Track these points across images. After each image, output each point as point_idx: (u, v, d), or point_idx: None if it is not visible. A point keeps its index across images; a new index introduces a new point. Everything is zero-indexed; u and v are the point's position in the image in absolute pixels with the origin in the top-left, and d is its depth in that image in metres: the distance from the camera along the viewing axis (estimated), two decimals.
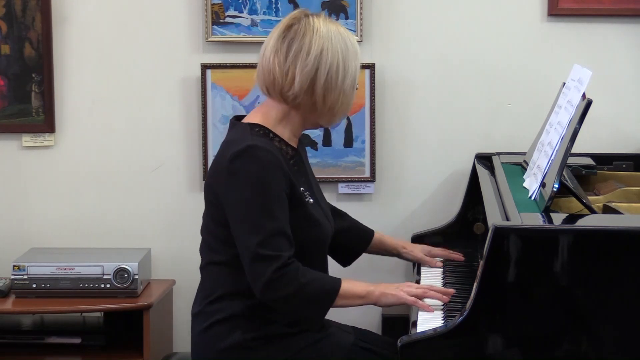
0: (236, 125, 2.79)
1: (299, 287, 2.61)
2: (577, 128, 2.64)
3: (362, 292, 2.71)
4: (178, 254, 3.81)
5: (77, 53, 3.78)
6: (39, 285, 3.52)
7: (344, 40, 2.74)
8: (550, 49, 3.71)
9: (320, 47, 2.71)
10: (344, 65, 2.73)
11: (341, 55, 2.72)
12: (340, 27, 2.78)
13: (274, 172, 2.63)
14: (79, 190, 3.83)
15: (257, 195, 2.62)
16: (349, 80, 2.74)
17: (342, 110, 2.77)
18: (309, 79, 2.70)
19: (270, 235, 2.61)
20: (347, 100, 2.76)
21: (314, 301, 2.66)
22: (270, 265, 2.59)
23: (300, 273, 2.62)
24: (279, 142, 2.75)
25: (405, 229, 3.70)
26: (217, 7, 3.72)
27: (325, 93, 2.72)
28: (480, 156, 3.59)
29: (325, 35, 2.72)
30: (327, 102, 2.73)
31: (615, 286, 2.38)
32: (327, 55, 2.71)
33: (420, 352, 2.42)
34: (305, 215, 2.72)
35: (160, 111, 3.80)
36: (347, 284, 2.69)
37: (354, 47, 2.77)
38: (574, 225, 2.49)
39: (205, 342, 2.73)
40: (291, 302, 2.63)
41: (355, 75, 2.76)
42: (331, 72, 2.71)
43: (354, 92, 2.77)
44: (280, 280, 2.59)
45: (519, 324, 2.39)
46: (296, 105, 2.74)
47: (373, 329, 3.49)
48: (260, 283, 2.60)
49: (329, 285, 2.68)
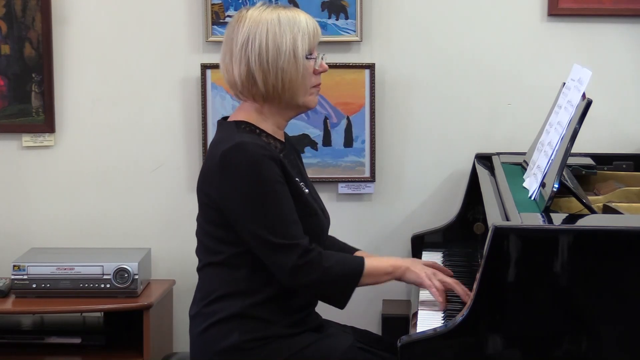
0: (223, 125, 2.80)
1: (323, 272, 2.64)
2: (577, 128, 2.64)
3: (389, 268, 2.75)
4: (178, 254, 3.81)
5: (77, 53, 3.78)
6: (39, 285, 3.52)
7: (276, 20, 2.70)
8: (550, 49, 3.71)
9: (246, 36, 2.70)
10: (275, 43, 2.69)
11: (270, 36, 2.69)
12: (280, 9, 2.74)
13: (268, 163, 2.64)
14: (79, 190, 3.83)
15: (255, 187, 2.62)
16: (284, 57, 2.69)
17: (295, 87, 2.72)
18: (244, 69, 2.70)
19: (279, 224, 2.63)
20: (293, 76, 2.71)
21: (340, 283, 2.68)
22: (292, 254, 2.62)
23: (323, 258, 2.65)
24: (266, 137, 2.75)
25: (405, 229, 3.70)
26: (217, 7, 3.72)
27: (264, 77, 2.70)
28: (480, 156, 3.59)
29: (252, 23, 2.71)
30: (269, 85, 2.70)
31: (615, 286, 2.37)
32: (253, 42, 2.69)
33: (420, 352, 2.42)
34: (302, 203, 2.72)
35: (160, 111, 3.80)
36: (371, 261, 2.73)
37: (292, 22, 2.71)
38: (574, 225, 2.48)
39: (204, 344, 2.73)
40: (318, 287, 2.67)
41: (292, 49, 2.69)
42: (261, 55, 2.69)
43: (298, 66, 2.71)
44: (305, 267, 2.62)
45: (519, 324, 2.39)
46: (256, 99, 2.74)
47: (373, 329, 3.49)
48: (285, 271, 2.63)
49: (353, 265, 2.71)
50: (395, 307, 3.66)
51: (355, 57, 3.73)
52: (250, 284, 2.69)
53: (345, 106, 3.73)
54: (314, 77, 2.77)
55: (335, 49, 3.67)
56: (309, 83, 2.76)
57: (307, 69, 2.74)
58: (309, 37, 2.74)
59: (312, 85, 2.77)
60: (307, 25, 2.74)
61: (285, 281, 2.66)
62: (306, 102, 2.78)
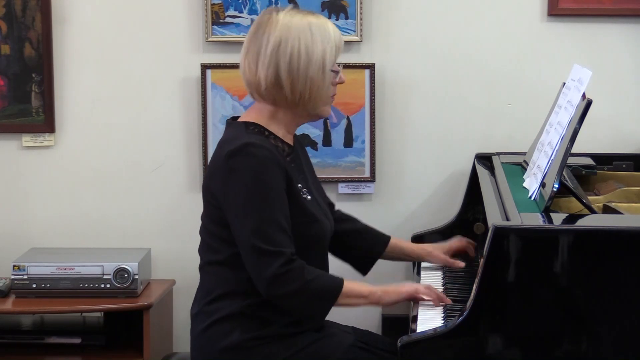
0: (232, 124, 2.80)
1: (304, 284, 2.62)
2: (577, 128, 2.64)
3: (365, 292, 2.73)
4: (178, 254, 3.81)
5: (77, 53, 3.78)
6: (39, 285, 3.52)
7: (307, 28, 2.71)
8: (550, 49, 3.71)
9: (278, 40, 2.70)
10: (307, 52, 2.69)
11: (302, 43, 2.69)
12: (310, 16, 2.75)
13: (271, 168, 2.64)
14: (79, 190, 3.83)
15: (255, 191, 2.62)
16: (314, 67, 2.70)
17: (319, 97, 2.73)
18: (272, 73, 2.70)
19: (269, 231, 2.61)
20: (320, 86, 2.72)
21: (317, 299, 2.66)
22: (274, 261, 2.60)
23: (305, 271, 2.63)
24: (275, 140, 2.75)
25: (405, 229, 3.70)
26: (217, 7, 3.72)
27: (292, 84, 2.70)
28: (480, 156, 3.59)
29: (284, 27, 2.70)
30: (296, 93, 2.71)
31: (615, 286, 2.38)
32: (285, 46, 2.69)
33: (420, 352, 2.42)
34: (302, 210, 2.72)
35: (160, 111, 3.80)
36: (349, 283, 2.71)
37: (322, 32, 2.72)
38: (574, 225, 2.48)
39: (204, 343, 2.73)
40: (295, 298, 2.64)
41: (322, 60, 2.71)
42: (292, 62, 2.69)
43: (325, 77, 2.72)
44: (285, 276, 2.60)
45: (519, 324, 2.39)
46: (276, 103, 2.74)
47: (373, 329, 3.49)
48: (264, 279, 2.61)
49: (333, 283, 2.69)
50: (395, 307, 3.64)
51: (355, 57, 3.73)
52: (251, 283, 2.68)
53: (345, 106, 3.73)
54: (332, 87, 2.79)
55: None
56: (330, 94, 2.77)
57: (331, 80, 2.75)
58: (336, 49, 2.76)
59: (331, 95, 2.79)
60: (335, 37, 2.75)
61: (264, 289, 2.62)
62: (322, 111, 2.79)
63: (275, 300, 2.65)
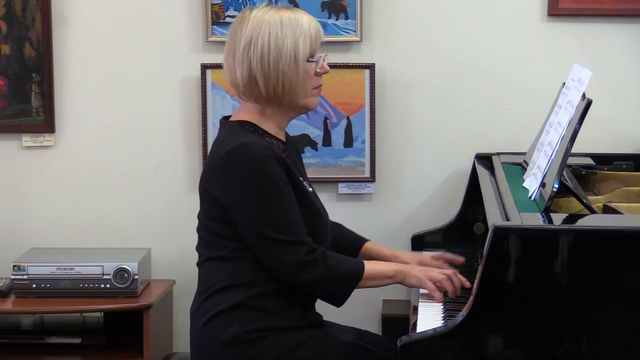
0: (226, 124, 2.80)
1: (328, 269, 2.66)
2: (577, 128, 2.64)
3: (390, 272, 2.77)
4: (178, 254, 3.81)
5: (77, 53, 3.78)
6: (39, 285, 3.52)
7: (279, 21, 2.70)
8: (550, 49, 3.71)
9: (249, 37, 2.71)
10: (276, 45, 2.69)
11: (271, 38, 2.69)
12: (284, 10, 2.74)
13: (271, 163, 2.65)
14: (79, 190, 3.83)
15: (259, 186, 2.64)
16: (285, 60, 2.70)
17: (296, 90, 2.73)
18: (246, 71, 2.71)
19: (284, 222, 2.64)
20: (293, 79, 2.71)
21: (342, 282, 2.71)
22: (298, 250, 2.64)
23: (328, 256, 2.68)
24: (269, 137, 2.76)
25: (405, 229, 3.70)
26: (217, 7, 3.72)
27: (265, 80, 2.70)
28: (480, 156, 3.59)
29: (255, 24, 2.71)
30: (270, 88, 2.71)
31: (615, 286, 2.37)
32: (256, 42, 2.70)
33: (420, 352, 2.42)
34: (306, 202, 2.74)
35: (160, 111, 3.80)
36: (370, 265, 2.76)
37: (294, 24, 2.71)
38: (574, 225, 2.48)
39: (204, 338, 2.73)
40: (321, 283, 2.68)
41: (293, 52, 2.70)
42: (263, 58, 2.69)
43: (298, 69, 2.71)
44: (311, 263, 2.65)
45: (519, 324, 2.39)
46: (258, 101, 2.75)
47: (373, 329, 3.49)
48: (290, 267, 2.65)
49: (355, 266, 2.74)
50: (395, 307, 3.66)
51: (355, 57, 3.73)
52: (251, 277, 2.70)
53: (345, 106, 3.73)
54: (315, 78, 2.77)
55: (335, 49, 3.67)
56: (310, 85, 2.76)
57: (307, 71, 2.74)
58: (310, 40, 2.74)
59: (313, 87, 2.77)
60: (309, 27, 2.74)
61: (290, 277, 2.67)
62: (307, 103, 2.78)
63: (301, 287, 2.69)
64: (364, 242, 3.07)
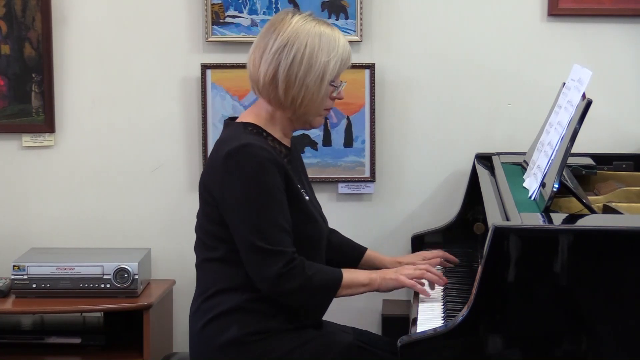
0: (230, 125, 2.81)
1: (305, 280, 2.65)
2: (577, 128, 2.64)
3: (365, 280, 2.76)
4: (178, 254, 3.81)
5: (77, 53, 3.78)
6: (39, 285, 3.52)
7: (317, 36, 2.72)
8: (550, 49, 3.71)
9: (285, 41, 2.71)
10: (310, 60, 2.70)
11: (307, 50, 2.70)
12: (324, 25, 2.76)
13: (270, 169, 2.64)
14: (79, 190, 3.83)
15: (254, 191, 2.63)
16: (313, 76, 2.71)
17: (311, 106, 2.74)
18: (271, 71, 2.71)
19: (270, 230, 2.63)
20: (314, 95, 2.72)
21: (319, 292, 2.69)
22: (277, 261, 2.62)
23: (306, 266, 2.66)
24: (272, 141, 2.76)
25: (405, 229, 3.70)
26: (217, 7, 3.72)
27: (287, 87, 2.71)
28: (480, 156, 3.59)
29: (294, 31, 2.72)
30: (289, 96, 2.72)
31: (615, 286, 2.37)
32: (290, 49, 2.70)
33: (420, 352, 2.42)
34: (302, 210, 2.73)
35: (160, 111, 3.80)
36: (348, 273, 2.74)
37: (331, 43, 2.73)
38: (574, 225, 2.48)
39: (203, 339, 2.73)
40: (298, 294, 2.66)
41: (323, 70, 2.71)
42: (293, 66, 2.70)
43: (322, 88, 2.73)
44: (289, 274, 2.63)
45: (519, 324, 2.39)
46: (271, 102, 2.75)
47: (373, 329, 3.49)
48: (267, 278, 2.63)
49: (333, 275, 2.72)
50: (395, 307, 3.66)
51: (355, 57, 3.70)
52: (247, 279, 2.69)
53: (345, 106, 3.73)
54: (329, 101, 2.80)
55: None
56: (323, 105, 2.78)
57: (327, 93, 2.76)
58: (341, 63, 2.76)
59: (325, 108, 2.79)
60: (343, 51, 2.77)
61: (267, 288, 2.65)
62: (313, 121, 2.81)
63: (278, 297, 2.67)
64: (364, 251, 3.08)
